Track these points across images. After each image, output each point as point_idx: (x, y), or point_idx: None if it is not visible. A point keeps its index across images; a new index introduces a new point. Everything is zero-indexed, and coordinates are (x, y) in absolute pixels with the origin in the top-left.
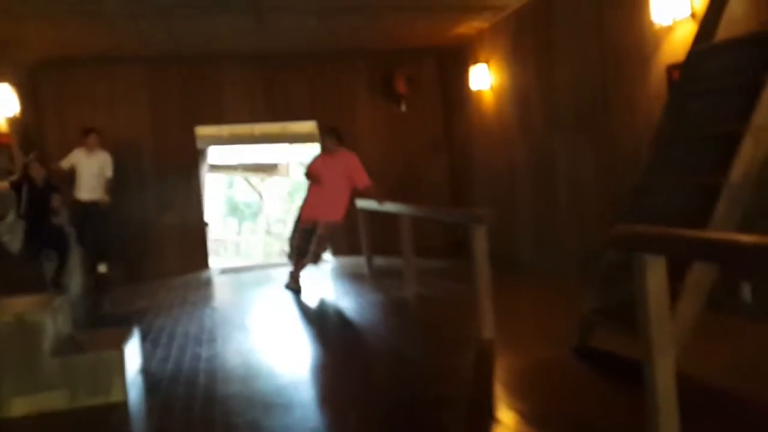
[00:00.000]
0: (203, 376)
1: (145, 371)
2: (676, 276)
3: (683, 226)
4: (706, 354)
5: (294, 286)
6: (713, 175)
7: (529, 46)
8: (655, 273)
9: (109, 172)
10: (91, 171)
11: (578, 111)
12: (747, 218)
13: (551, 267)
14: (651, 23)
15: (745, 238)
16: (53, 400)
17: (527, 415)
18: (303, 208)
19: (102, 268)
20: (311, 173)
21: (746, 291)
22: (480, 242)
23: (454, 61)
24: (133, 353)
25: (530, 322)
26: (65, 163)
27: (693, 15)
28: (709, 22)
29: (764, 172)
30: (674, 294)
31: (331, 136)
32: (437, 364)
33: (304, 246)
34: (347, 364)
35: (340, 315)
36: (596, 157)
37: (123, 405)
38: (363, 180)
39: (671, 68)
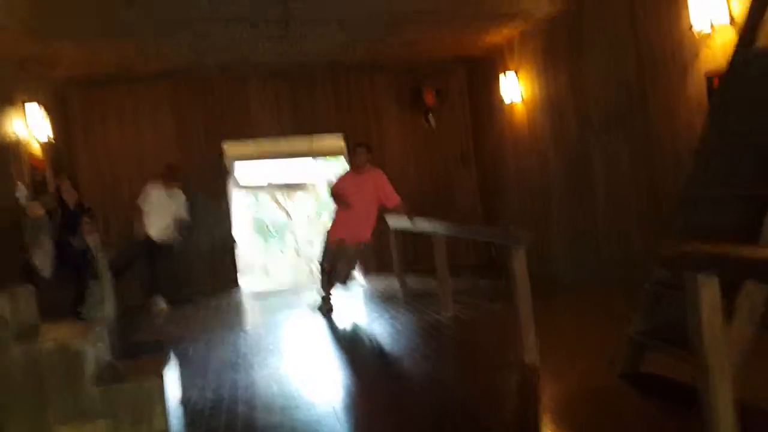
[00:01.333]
0: (242, 405)
1: (184, 399)
2: (727, 294)
3: (731, 239)
4: (760, 377)
5: (326, 307)
6: (761, 186)
7: (560, 54)
8: (708, 293)
9: (184, 213)
10: (169, 210)
11: (615, 120)
12: None
13: (591, 283)
14: (689, 30)
15: None
16: (97, 429)
17: None
18: (331, 230)
19: (162, 304)
20: (339, 196)
21: None
22: (519, 264)
23: (483, 72)
24: (172, 381)
25: (574, 344)
26: (147, 205)
27: (732, 21)
28: (749, 28)
29: None
30: (727, 314)
31: (361, 151)
32: (479, 390)
33: (334, 268)
34: (386, 391)
35: (375, 340)
36: (635, 167)
37: None
38: (392, 198)
39: (711, 75)
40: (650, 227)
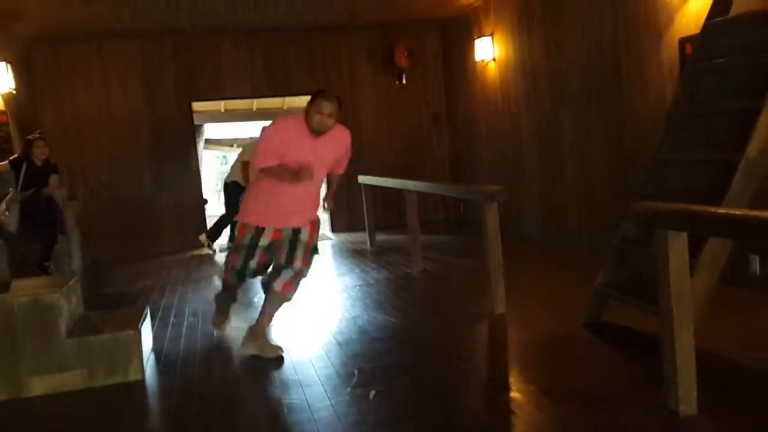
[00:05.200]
0: (216, 355)
1: (158, 351)
2: (691, 251)
3: (699, 201)
4: (717, 327)
5: (217, 319)
6: (729, 151)
7: (536, 17)
8: (677, 249)
9: None
10: None
11: (588, 84)
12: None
13: (558, 241)
14: None
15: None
16: (71, 380)
17: (544, 389)
18: (243, 213)
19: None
20: (270, 166)
21: (755, 264)
22: (492, 219)
23: (458, 33)
24: (146, 333)
25: (541, 296)
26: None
27: None
28: None
29: None
30: (690, 268)
31: (331, 110)
32: (450, 340)
33: (241, 274)
34: (359, 342)
35: (346, 293)
36: (606, 130)
37: (140, 384)
38: (341, 169)
39: (684, 41)
40: (618, 190)
